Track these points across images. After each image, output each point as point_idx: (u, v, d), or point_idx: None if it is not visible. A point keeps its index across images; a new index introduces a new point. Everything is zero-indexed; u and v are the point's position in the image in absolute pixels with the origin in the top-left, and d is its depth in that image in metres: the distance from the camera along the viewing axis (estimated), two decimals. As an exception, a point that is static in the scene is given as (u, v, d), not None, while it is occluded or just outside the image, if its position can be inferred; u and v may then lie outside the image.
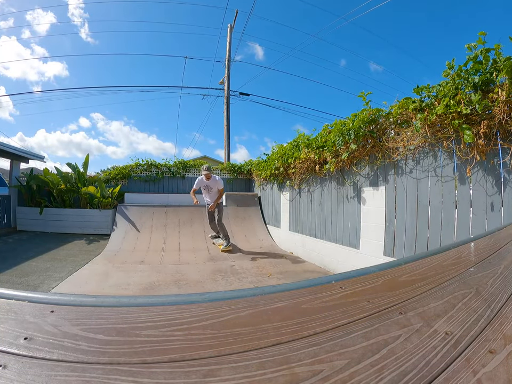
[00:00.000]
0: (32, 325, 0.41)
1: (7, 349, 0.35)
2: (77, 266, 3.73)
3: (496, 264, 0.77)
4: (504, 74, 1.81)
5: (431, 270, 0.74)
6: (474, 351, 0.38)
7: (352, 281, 0.63)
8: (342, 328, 0.43)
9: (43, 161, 6.93)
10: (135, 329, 0.41)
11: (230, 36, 10.45)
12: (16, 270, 3.39)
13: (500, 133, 1.94)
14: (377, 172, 3.07)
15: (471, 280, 0.64)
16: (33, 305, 0.47)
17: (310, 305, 0.50)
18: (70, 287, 2.94)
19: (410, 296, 0.54)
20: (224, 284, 3.15)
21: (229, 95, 10.27)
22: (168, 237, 5.35)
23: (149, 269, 3.77)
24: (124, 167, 7.19)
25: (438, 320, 0.46)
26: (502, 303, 0.52)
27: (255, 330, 0.42)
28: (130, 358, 0.34)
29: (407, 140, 2.63)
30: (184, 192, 7.29)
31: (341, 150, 3.41)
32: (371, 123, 3.01)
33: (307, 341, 0.39)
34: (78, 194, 6.23)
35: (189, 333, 0.40)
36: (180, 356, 0.35)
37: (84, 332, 0.40)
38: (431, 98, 2.35)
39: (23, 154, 6.42)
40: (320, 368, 0.34)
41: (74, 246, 4.93)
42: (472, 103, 2.00)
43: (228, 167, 7.74)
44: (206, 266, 4.02)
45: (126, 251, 4.72)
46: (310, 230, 4.40)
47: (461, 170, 2.22)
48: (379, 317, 0.47)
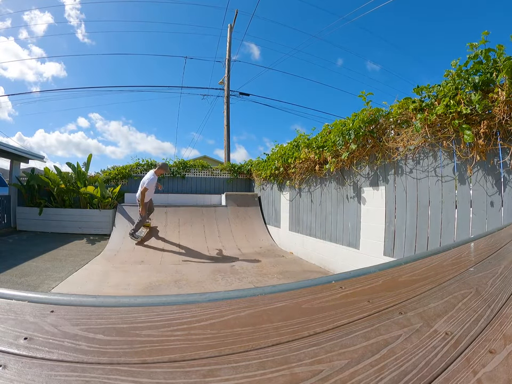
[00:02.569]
0: (32, 325, 0.41)
1: (7, 349, 0.35)
2: (77, 266, 3.73)
3: (496, 264, 0.77)
4: (504, 74, 1.81)
5: (431, 270, 0.74)
6: (474, 351, 0.38)
7: (352, 281, 0.63)
8: (342, 328, 0.43)
9: (43, 161, 6.94)
10: (135, 329, 0.41)
11: (230, 36, 10.45)
12: (16, 270, 3.39)
13: (500, 133, 1.94)
14: (377, 172, 3.07)
15: (471, 280, 0.64)
16: (33, 305, 0.47)
17: (310, 305, 0.50)
18: (70, 287, 2.94)
19: (410, 296, 0.54)
20: (224, 284, 3.15)
21: (229, 95, 10.27)
22: (168, 237, 5.35)
23: (149, 269, 3.76)
24: (124, 167, 7.18)
25: (438, 320, 0.46)
26: (502, 303, 0.52)
27: (255, 330, 0.42)
28: (130, 358, 0.34)
29: (407, 140, 2.63)
30: (184, 192, 7.29)
31: (341, 150, 3.41)
32: (371, 123, 3.01)
33: (307, 341, 0.39)
34: (78, 194, 6.22)
35: (189, 333, 0.40)
36: (180, 356, 0.35)
37: (84, 332, 0.40)
38: (431, 98, 2.34)
39: (23, 154, 6.42)
40: (320, 368, 0.34)
41: (74, 246, 4.92)
42: (472, 103, 2.00)
43: (228, 167, 7.73)
44: (206, 266, 4.02)
45: (126, 251, 4.72)
46: (310, 230, 4.40)
47: (461, 170, 2.22)
48: (379, 317, 0.47)
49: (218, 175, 7.62)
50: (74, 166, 6.36)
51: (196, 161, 7.87)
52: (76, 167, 6.34)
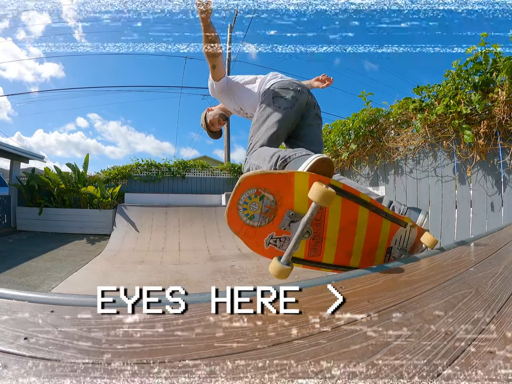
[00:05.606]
0: (32, 325, 0.41)
1: (7, 349, 0.35)
2: (77, 266, 3.73)
3: (496, 264, 0.77)
4: (504, 74, 1.81)
5: (431, 270, 0.74)
6: (474, 351, 0.38)
7: (352, 281, 0.63)
8: (342, 328, 0.43)
9: (43, 161, 6.94)
10: (135, 329, 0.41)
11: (230, 35, 10.45)
12: (16, 270, 3.39)
13: (500, 133, 1.94)
14: (377, 172, 3.07)
15: (471, 280, 0.64)
16: (33, 305, 0.47)
17: (310, 305, 0.50)
18: (70, 287, 2.93)
19: (410, 296, 0.54)
20: (224, 284, 3.14)
21: (229, 95, 10.26)
22: (168, 237, 5.35)
23: (149, 269, 3.76)
24: (124, 167, 7.18)
25: (438, 320, 0.46)
26: (502, 303, 0.52)
27: (255, 330, 0.42)
28: (130, 358, 0.34)
29: (407, 140, 2.63)
30: (184, 192, 7.29)
31: (341, 150, 3.41)
32: (371, 123, 3.01)
33: (307, 341, 0.39)
34: (78, 194, 6.22)
35: (189, 333, 0.40)
36: (180, 356, 0.35)
37: (84, 331, 0.40)
38: (431, 98, 2.35)
39: (23, 154, 6.42)
40: (320, 368, 0.34)
41: (74, 246, 4.92)
42: (472, 103, 2.00)
43: (228, 167, 7.73)
44: (206, 266, 4.02)
45: (126, 251, 4.72)
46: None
47: (461, 170, 2.22)
48: (379, 317, 0.47)
49: (218, 175, 7.62)
50: (74, 167, 6.37)
51: (196, 161, 7.87)
52: (75, 167, 6.34)
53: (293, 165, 0.86)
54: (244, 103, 1.34)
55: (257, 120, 1.17)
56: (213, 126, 1.57)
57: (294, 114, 1.17)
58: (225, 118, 1.56)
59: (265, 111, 1.16)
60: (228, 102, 1.38)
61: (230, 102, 1.38)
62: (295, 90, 1.18)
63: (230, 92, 1.34)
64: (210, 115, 1.55)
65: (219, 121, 1.56)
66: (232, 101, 1.36)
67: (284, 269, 0.74)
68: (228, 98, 1.36)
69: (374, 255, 0.94)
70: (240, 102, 1.34)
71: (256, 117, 1.20)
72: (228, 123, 10.02)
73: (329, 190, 0.66)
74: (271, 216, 0.78)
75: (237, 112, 1.42)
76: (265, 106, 1.17)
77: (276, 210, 0.78)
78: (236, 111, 1.42)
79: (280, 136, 1.15)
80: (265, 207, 0.76)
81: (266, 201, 0.76)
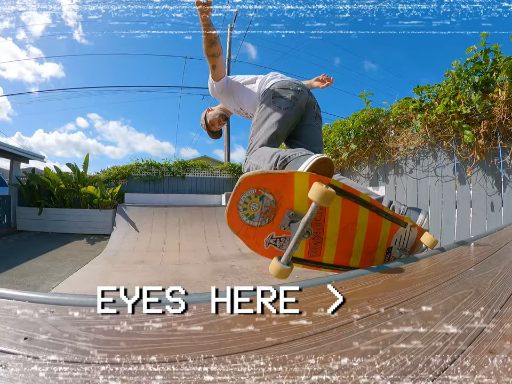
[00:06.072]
0: (32, 325, 0.41)
1: (7, 349, 0.35)
2: (77, 266, 3.73)
3: (496, 264, 0.77)
4: (504, 74, 1.81)
5: (431, 270, 0.74)
6: (474, 351, 0.38)
7: (352, 281, 0.63)
8: (342, 328, 0.43)
9: (43, 161, 6.94)
10: (135, 329, 0.41)
11: (230, 36, 10.45)
12: (16, 270, 3.39)
13: (500, 133, 1.94)
14: (377, 172, 3.07)
15: (471, 280, 0.64)
16: (33, 305, 0.47)
17: (310, 305, 0.50)
18: (70, 287, 2.94)
19: (410, 296, 0.54)
20: (224, 284, 3.14)
21: (229, 95, 10.26)
22: (168, 237, 5.35)
23: (149, 269, 3.77)
24: (124, 167, 7.18)
25: (438, 320, 0.46)
26: (502, 303, 0.52)
27: (255, 330, 0.42)
28: (130, 358, 0.34)
29: (407, 140, 2.64)
30: (184, 192, 7.29)
31: (341, 150, 3.41)
32: (371, 123, 3.01)
33: (307, 341, 0.40)
34: (78, 194, 6.22)
35: (189, 333, 0.40)
36: (180, 356, 0.35)
37: (84, 332, 0.40)
38: (431, 98, 2.35)
39: (23, 155, 6.42)
40: (320, 368, 0.34)
41: (74, 246, 4.92)
42: (472, 103, 2.00)
43: (228, 167, 7.73)
44: (206, 266, 4.02)
45: (126, 251, 4.72)
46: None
47: (461, 170, 2.22)
48: (379, 317, 0.47)
49: (218, 175, 7.62)
50: (74, 167, 6.37)
51: (196, 161, 7.87)
52: (75, 167, 6.34)
53: (293, 165, 0.86)
54: (244, 103, 1.34)
55: (257, 120, 1.18)
56: (213, 126, 1.57)
57: (294, 114, 1.17)
58: (225, 118, 1.56)
59: (265, 111, 1.16)
60: (228, 102, 1.39)
61: (230, 102, 1.38)
62: (295, 90, 1.18)
63: (230, 92, 1.34)
64: (210, 115, 1.55)
65: (219, 121, 1.56)
66: (232, 101, 1.36)
67: (284, 269, 0.74)
68: (228, 98, 1.36)
69: (374, 255, 0.94)
70: (240, 102, 1.34)
71: (256, 117, 1.20)
72: (228, 123, 10.02)
73: (329, 190, 0.66)
74: (271, 216, 0.78)
75: (237, 112, 1.43)
76: (265, 106, 1.17)
77: (276, 210, 0.78)
78: (236, 111, 1.42)
79: (280, 136, 1.15)
80: (265, 207, 0.77)
81: (266, 201, 0.76)
